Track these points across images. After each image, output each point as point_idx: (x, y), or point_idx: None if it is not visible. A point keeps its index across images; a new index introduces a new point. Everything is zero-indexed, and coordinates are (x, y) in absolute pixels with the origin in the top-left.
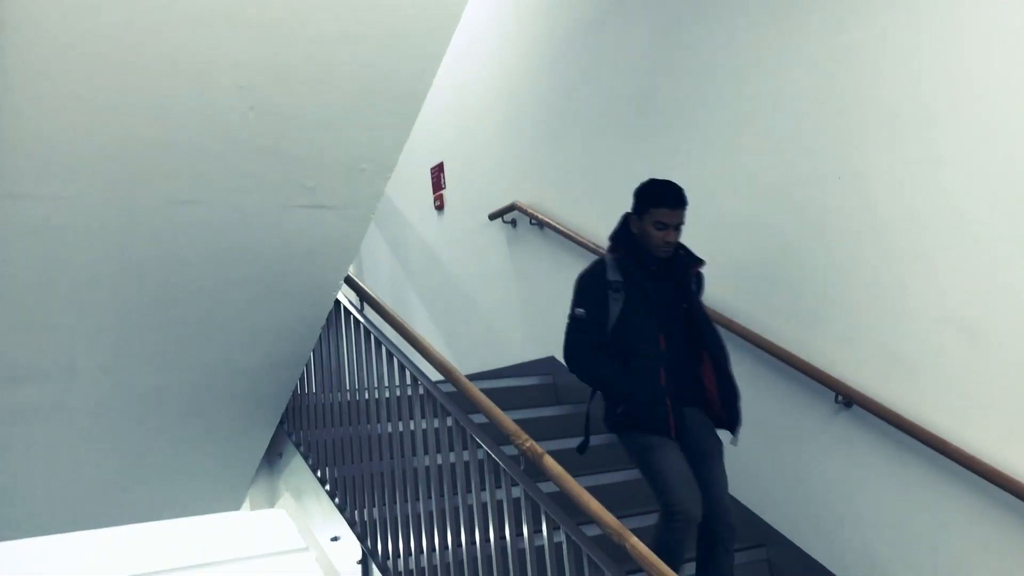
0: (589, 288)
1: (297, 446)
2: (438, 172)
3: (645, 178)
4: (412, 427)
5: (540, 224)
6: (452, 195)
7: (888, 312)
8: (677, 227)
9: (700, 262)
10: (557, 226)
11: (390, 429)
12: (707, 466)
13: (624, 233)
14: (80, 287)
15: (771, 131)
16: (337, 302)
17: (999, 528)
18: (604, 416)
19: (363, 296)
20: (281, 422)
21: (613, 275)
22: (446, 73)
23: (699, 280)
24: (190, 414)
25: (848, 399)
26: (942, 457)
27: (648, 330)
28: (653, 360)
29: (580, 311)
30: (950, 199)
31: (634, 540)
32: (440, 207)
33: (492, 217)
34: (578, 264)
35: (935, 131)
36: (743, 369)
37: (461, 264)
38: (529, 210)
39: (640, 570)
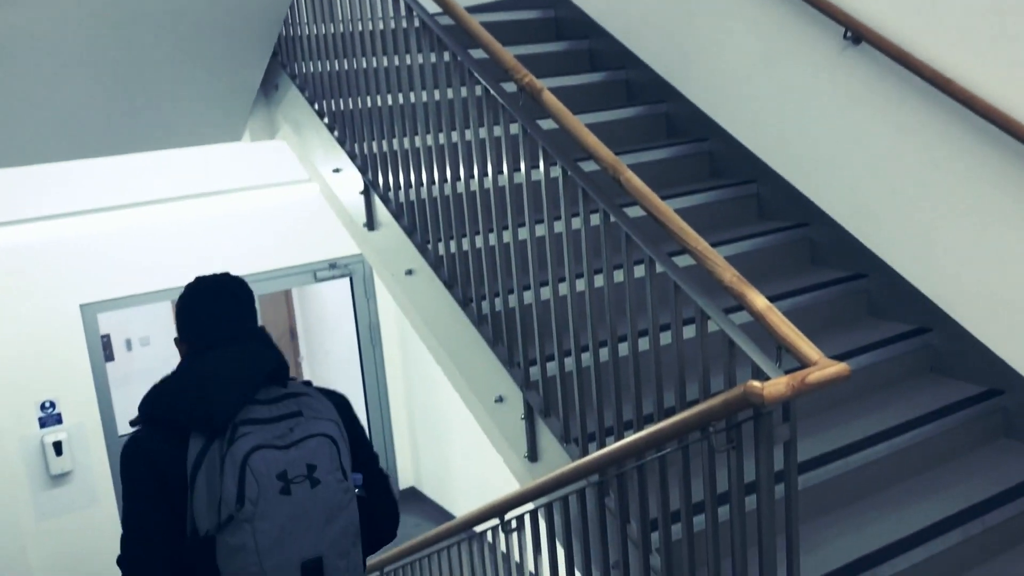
0: None
1: (293, 78)
2: None
3: None
4: (408, 62)
5: None
6: None
7: None
8: None
9: None
10: None
11: (386, 63)
12: None
13: None
14: None
15: None
16: None
17: (985, 162)
18: None
19: None
20: (275, 54)
21: None
22: None
23: None
24: (181, 43)
25: (857, 35)
26: (944, 96)
27: None
28: None
29: None
30: None
31: (628, 174)
32: None
33: None
34: None
35: None
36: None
37: None
38: None
39: (634, 202)
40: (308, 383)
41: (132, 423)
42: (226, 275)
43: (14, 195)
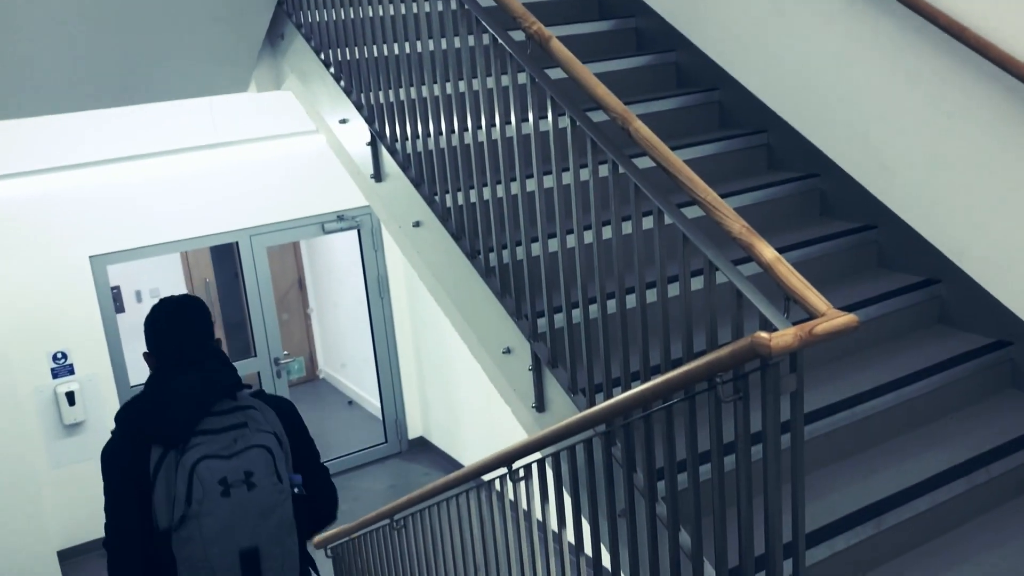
0: None
1: (298, 27)
2: None
3: None
4: (415, 9)
5: None
6: None
7: None
8: None
9: None
10: None
11: (392, 11)
12: None
13: None
14: None
15: None
16: None
17: (997, 111)
18: None
19: None
20: (280, 2)
21: None
22: None
23: None
24: None
25: None
26: (958, 44)
27: None
28: None
29: None
30: None
31: (638, 124)
32: None
33: None
34: None
35: None
36: None
37: None
38: None
39: (643, 153)
40: (260, 392)
41: (112, 431)
42: (186, 297)
43: (22, 146)
